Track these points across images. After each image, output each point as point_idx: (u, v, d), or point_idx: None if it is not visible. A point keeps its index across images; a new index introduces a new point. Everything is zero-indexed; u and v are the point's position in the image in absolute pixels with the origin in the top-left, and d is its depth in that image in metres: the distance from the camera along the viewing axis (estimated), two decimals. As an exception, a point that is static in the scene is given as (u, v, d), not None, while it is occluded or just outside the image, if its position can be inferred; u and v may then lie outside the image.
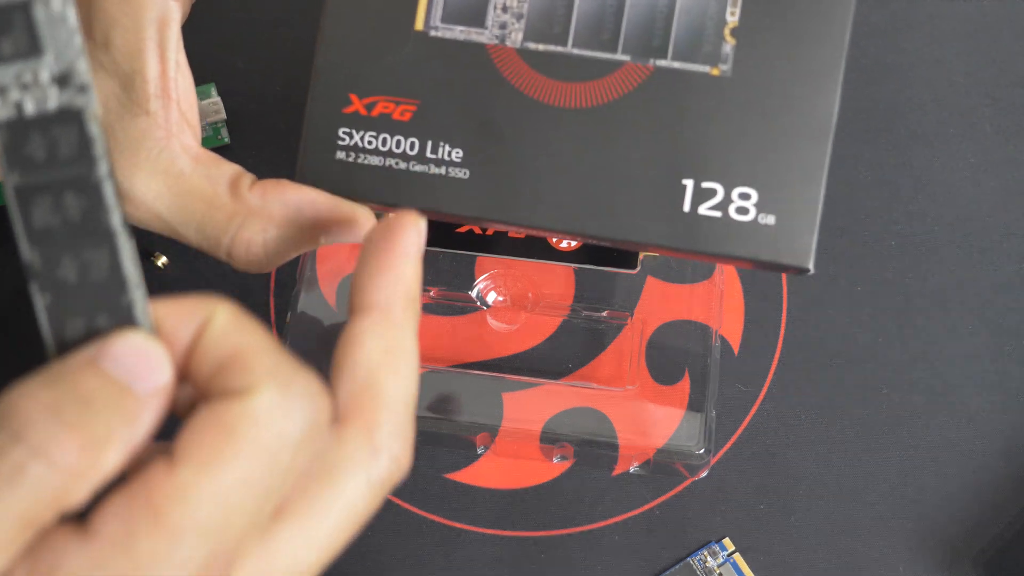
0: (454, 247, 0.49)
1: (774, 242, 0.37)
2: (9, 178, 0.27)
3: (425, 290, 0.50)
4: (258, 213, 0.37)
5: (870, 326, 0.52)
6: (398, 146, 0.38)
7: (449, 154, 0.38)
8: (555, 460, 0.49)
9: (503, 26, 0.38)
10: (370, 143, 0.38)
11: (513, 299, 0.50)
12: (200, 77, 0.56)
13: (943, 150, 0.55)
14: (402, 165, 0.38)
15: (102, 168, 0.28)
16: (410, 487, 0.49)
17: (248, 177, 0.38)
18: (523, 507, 0.49)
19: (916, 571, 0.48)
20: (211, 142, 0.54)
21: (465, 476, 0.49)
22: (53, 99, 0.27)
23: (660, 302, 0.50)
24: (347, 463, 0.30)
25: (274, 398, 0.27)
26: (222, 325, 0.28)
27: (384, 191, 0.38)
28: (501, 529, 0.49)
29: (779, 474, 0.49)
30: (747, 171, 0.37)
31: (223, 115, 0.54)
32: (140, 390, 0.27)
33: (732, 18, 0.37)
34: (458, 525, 0.49)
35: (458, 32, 0.38)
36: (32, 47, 0.27)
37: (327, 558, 0.29)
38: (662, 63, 0.37)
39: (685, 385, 0.49)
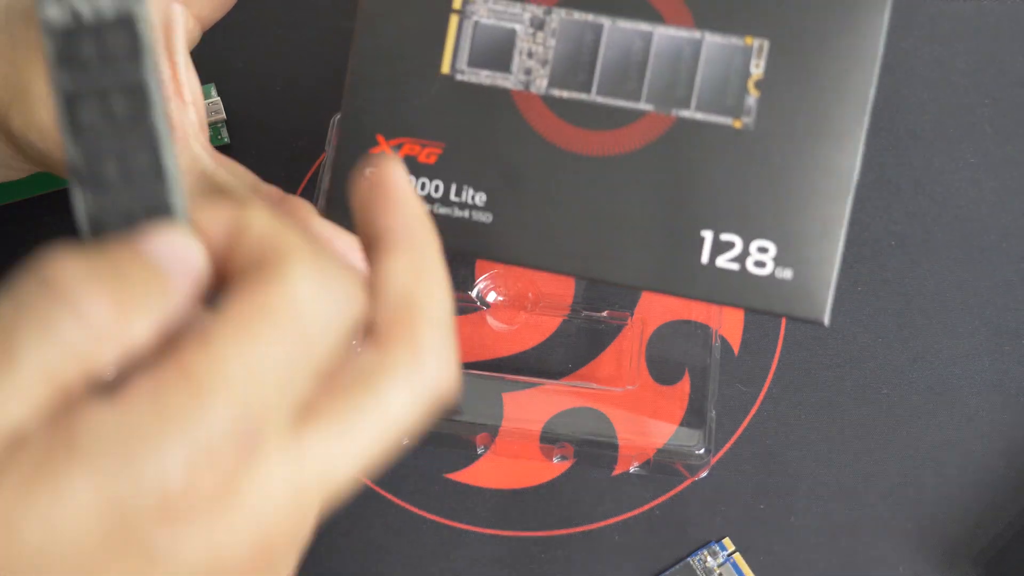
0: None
1: (790, 296, 0.37)
2: (58, 79, 0.28)
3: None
4: None
5: (870, 326, 0.52)
6: (423, 188, 0.38)
7: (473, 198, 0.38)
8: (555, 460, 0.49)
9: (528, 72, 0.38)
10: None
11: (513, 299, 0.50)
12: (200, 77, 0.55)
13: (943, 150, 0.55)
14: (427, 207, 0.38)
15: (150, 69, 0.28)
16: (410, 487, 0.49)
17: (275, 187, 0.38)
18: (523, 507, 0.49)
19: (916, 571, 0.48)
20: (211, 142, 0.54)
21: (465, 476, 0.49)
22: (108, 5, 0.28)
23: (660, 302, 0.50)
24: (389, 372, 0.29)
25: (309, 279, 0.27)
26: (262, 224, 0.28)
27: None
28: (501, 529, 0.49)
29: (779, 474, 0.49)
30: (766, 225, 0.37)
31: (223, 115, 0.54)
32: (174, 272, 0.27)
33: (757, 70, 0.37)
34: (458, 525, 0.49)
35: (483, 76, 0.38)
36: None
37: (364, 469, 0.29)
38: (685, 113, 0.37)
39: (685, 385, 0.49)
